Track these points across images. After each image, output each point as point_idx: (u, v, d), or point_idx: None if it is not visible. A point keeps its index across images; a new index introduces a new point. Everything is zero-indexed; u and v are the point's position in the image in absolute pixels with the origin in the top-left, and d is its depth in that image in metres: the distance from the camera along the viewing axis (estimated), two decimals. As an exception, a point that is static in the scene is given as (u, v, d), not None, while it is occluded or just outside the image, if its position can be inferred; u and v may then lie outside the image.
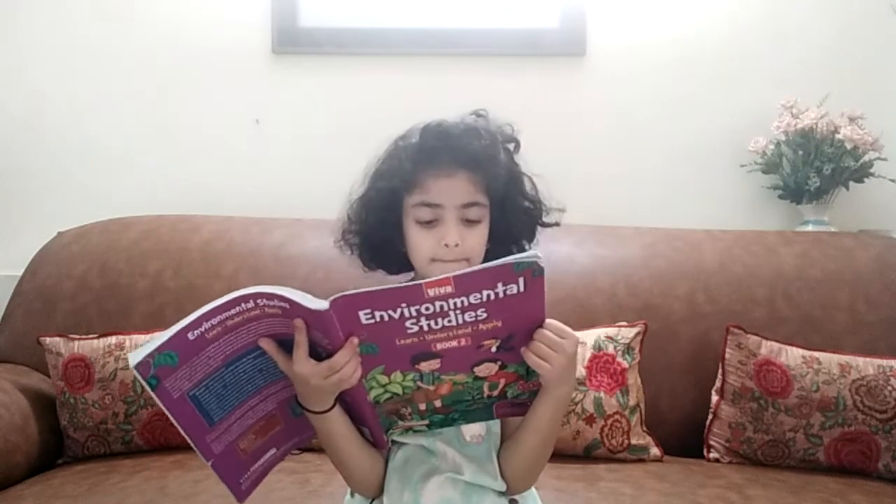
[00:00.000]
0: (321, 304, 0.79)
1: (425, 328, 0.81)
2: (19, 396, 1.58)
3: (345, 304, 0.79)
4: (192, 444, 0.85)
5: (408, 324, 0.81)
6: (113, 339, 1.60)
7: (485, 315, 0.82)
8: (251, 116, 2.08)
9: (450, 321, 0.81)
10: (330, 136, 2.06)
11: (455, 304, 0.80)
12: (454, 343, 0.83)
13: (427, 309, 0.80)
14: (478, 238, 0.96)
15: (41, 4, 2.08)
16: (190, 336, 0.79)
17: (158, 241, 1.83)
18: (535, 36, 2.04)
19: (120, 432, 1.56)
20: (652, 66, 2.04)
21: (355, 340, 0.82)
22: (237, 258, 1.79)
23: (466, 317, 0.81)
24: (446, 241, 0.94)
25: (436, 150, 0.95)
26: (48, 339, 1.61)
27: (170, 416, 0.82)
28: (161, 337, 0.79)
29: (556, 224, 1.03)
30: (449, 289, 0.79)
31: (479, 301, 0.80)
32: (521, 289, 0.80)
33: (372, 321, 0.80)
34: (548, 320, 0.87)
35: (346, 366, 0.82)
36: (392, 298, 0.79)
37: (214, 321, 0.80)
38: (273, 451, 0.93)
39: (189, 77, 2.08)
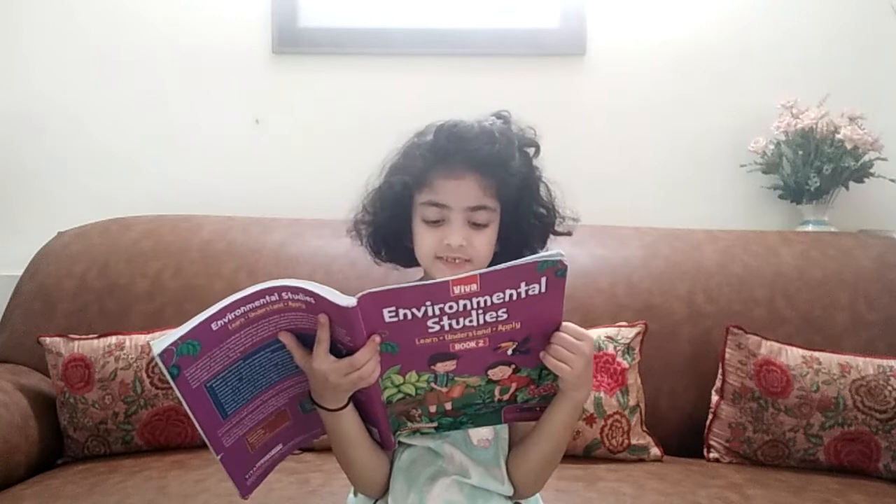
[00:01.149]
0: (349, 301, 0.79)
1: (446, 328, 0.82)
2: (19, 396, 1.58)
3: (371, 302, 0.79)
4: (204, 437, 0.85)
5: (430, 323, 0.81)
6: (113, 339, 1.60)
7: (505, 316, 0.82)
8: (251, 116, 2.08)
9: (471, 321, 0.82)
10: (330, 136, 2.06)
11: (478, 303, 0.80)
12: (472, 344, 0.84)
13: (451, 308, 0.80)
14: (483, 242, 0.96)
15: (41, 4, 2.08)
16: (213, 326, 0.79)
17: (158, 241, 1.83)
18: (535, 36, 2.04)
19: (120, 432, 1.56)
20: (652, 66, 2.04)
21: (377, 339, 0.82)
22: (237, 258, 1.79)
23: (488, 317, 0.82)
24: (449, 242, 0.94)
25: (446, 151, 0.95)
26: (48, 339, 1.61)
27: (186, 407, 0.81)
28: (185, 326, 0.79)
29: (569, 233, 1.03)
30: (474, 287, 0.79)
31: (501, 301, 0.81)
32: (543, 289, 0.81)
33: (395, 319, 0.81)
34: (564, 323, 0.87)
35: (366, 364, 0.82)
36: (418, 296, 0.80)
37: (238, 312, 0.80)
38: (279, 446, 0.94)
39: (189, 77, 2.08)
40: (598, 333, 1.57)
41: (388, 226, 1.01)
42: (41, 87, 2.09)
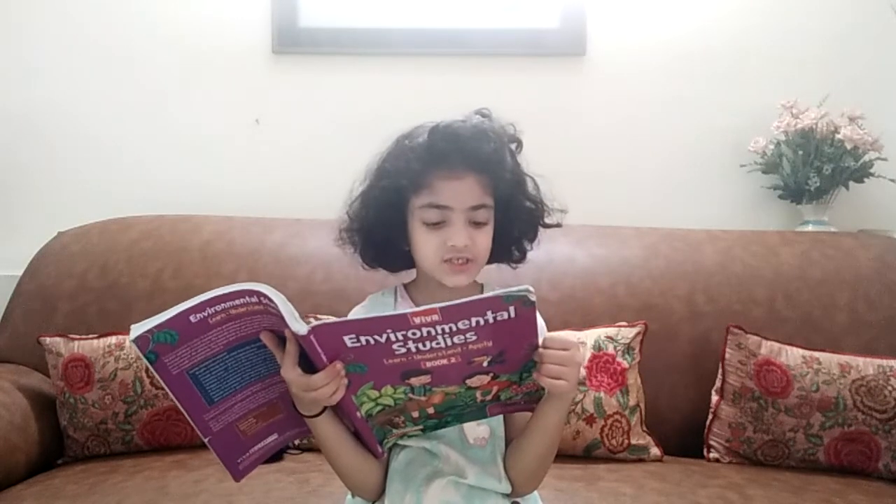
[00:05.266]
0: (300, 328, 0.79)
1: (413, 350, 0.81)
2: (19, 396, 1.58)
3: (327, 332, 0.80)
4: (190, 420, 0.87)
5: (395, 346, 0.81)
6: (113, 339, 1.60)
7: (474, 337, 0.81)
8: (251, 116, 2.08)
9: (438, 343, 0.81)
10: (330, 136, 2.06)
11: (443, 329, 0.80)
12: (444, 361, 0.83)
13: (414, 334, 0.80)
14: (485, 239, 0.97)
15: (42, 4, 2.08)
16: (192, 319, 0.81)
17: (158, 241, 1.83)
18: (535, 36, 2.04)
19: (120, 432, 1.56)
20: (652, 65, 2.04)
21: (338, 366, 0.82)
22: (237, 258, 1.79)
23: (455, 339, 0.81)
24: (454, 243, 0.94)
25: (445, 152, 0.95)
26: (48, 339, 1.61)
27: (168, 391, 0.84)
28: (163, 315, 0.81)
29: (558, 225, 1.03)
30: (435, 317, 0.79)
31: (467, 326, 0.80)
32: (513, 315, 0.80)
33: (358, 345, 0.80)
34: (548, 335, 0.87)
35: (323, 388, 0.82)
36: (377, 326, 0.79)
37: (218, 308, 0.82)
38: (275, 436, 0.95)
39: (189, 77, 2.08)
40: (598, 333, 1.57)
41: (380, 231, 1.00)
42: (41, 88, 2.09)
